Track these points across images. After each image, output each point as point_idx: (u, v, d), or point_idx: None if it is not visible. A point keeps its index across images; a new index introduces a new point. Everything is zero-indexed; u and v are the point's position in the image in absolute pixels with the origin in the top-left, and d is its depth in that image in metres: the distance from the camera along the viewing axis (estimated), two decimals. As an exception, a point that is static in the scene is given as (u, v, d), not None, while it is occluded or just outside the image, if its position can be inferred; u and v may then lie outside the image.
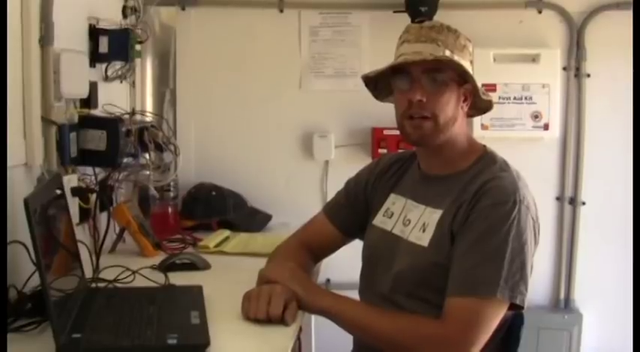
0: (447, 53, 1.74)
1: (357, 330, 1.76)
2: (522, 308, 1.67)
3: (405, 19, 2.98)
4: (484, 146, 1.87)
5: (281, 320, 1.67)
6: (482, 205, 1.68)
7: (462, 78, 1.77)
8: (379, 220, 1.95)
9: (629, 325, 2.35)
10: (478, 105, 1.86)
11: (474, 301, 1.61)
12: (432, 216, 1.78)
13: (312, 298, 1.76)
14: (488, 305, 1.61)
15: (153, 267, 2.21)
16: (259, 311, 1.69)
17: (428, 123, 1.76)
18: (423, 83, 1.74)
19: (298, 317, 1.73)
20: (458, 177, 1.79)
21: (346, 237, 2.07)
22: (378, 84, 1.89)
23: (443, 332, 1.62)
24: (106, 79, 2.60)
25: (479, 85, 1.80)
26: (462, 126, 1.83)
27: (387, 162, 2.04)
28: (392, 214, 1.92)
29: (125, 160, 2.43)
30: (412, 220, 1.84)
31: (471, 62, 1.81)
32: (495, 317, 1.63)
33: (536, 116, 3.16)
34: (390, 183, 1.99)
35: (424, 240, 1.76)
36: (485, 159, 1.82)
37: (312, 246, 2.05)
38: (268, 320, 1.68)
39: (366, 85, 1.91)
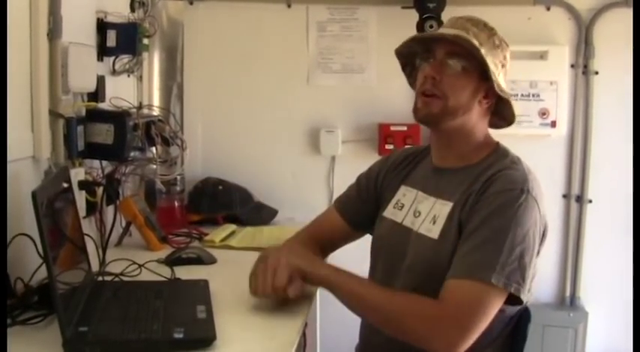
0: (475, 42, 1.73)
1: (356, 303, 1.73)
2: (520, 299, 1.66)
3: (412, 15, 2.98)
4: (497, 142, 1.87)
5: (284, 292, 1.69)
6: (489, 192, 1.68)
7: (487, 74, 1.75)
8: (390, 212, 1.94)
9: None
10: (504, 113, 1.85)
11: (471, 284, 1.59)
12: (443, 209, 1.77)
13: (313, 268, 1.77)
14: (485, 289, 1.59)
15: (159, 261, 2.22)
16: (265, 285, 1.71)
17: (437, 102, 1.75)
18: (443, 64, 1.75)
19: (303, 311, 1.74)
20: (469, 170, 1.79)
21: (356, 231, 2.07)
22: (414, 71, 1.89)
23: (438, 312, 1.60)
24: (114, 72, 2.60)
25: (502, 84, 1.79)
26: (478, 121, 1.82)
27: (399, 156, 2.04)
28: (402, 206, 1.91)
29: (132, 154, 2.43)
30: (422, 212, 1.83)
31: (503, 66, 1.80)
32: (492, 302, 1.60)
33: (543, 113, 3.16)
34: (401, 175, 1.98)
35: (434, 232, 1.76)
36: (498, 153, 1.82)
37: (321, 240, 2.05)
38: (274, 292, 1.70)
39: (403, 69, 1.93)
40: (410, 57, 1.88)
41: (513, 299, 1.63)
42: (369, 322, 1.78)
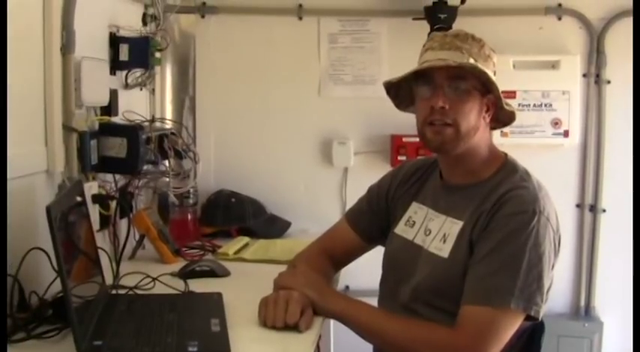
0: (471, 61, 1.72)
1: (370, 335, 1.76)
2: (537, 319, 1.66)
3: (424, 27, 2.98)
4: (505, 154, 1.86)
5: (296, 327, 1.68)
6: (501, 214, 1.67)
7: (485, 87, 1.75)
8: (401, 229, 1.94)
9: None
10: (500, 117, 1.84)
11: (488, 311, 1.60)
12: (453, 227, 1.77)
13: (325, 302, 1.78)
14: (503, 315, 1.60)
15: (173, 274, 2.21)
16: (277, 319, 1.69)
17: (449, 129, 1.74)
18: (445, 90, 1.73)
19: (317, 324, 1.74)
20: (479, 187, 1.78)
21: (367, 244, 2.07)
22: (400, 92, 1.88)
23: (454, 341, 1.61)
24: (127, 86, 2.62)
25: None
26: (483, 136, 1.81)
27: (409, 170, 2.03)
28: (414, 223, 1.91)
29: (145, 167, 2.43)
30: (433, 230, 1.83)
31: (494, 73, 1.79)
32: (509, 327, 1.62)
33: (556, 123, 3.14)
34: (411, 191, 1.98)
35: (444, 251, 1.76)
36: (507, 169, 1.80)
37: (333, 253, 2.05)
38: (286, 326, 1.69)
39: (387, 93, 1.90)
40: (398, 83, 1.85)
41: (529, 316, 1.63)
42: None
